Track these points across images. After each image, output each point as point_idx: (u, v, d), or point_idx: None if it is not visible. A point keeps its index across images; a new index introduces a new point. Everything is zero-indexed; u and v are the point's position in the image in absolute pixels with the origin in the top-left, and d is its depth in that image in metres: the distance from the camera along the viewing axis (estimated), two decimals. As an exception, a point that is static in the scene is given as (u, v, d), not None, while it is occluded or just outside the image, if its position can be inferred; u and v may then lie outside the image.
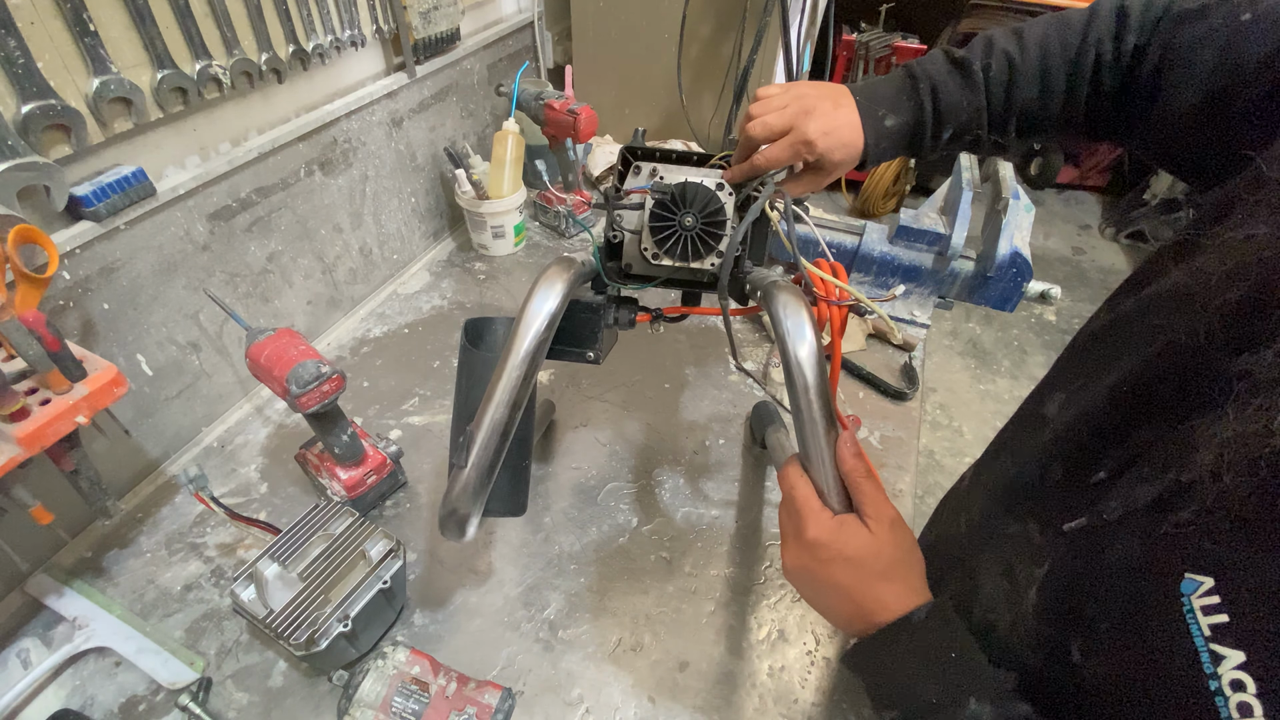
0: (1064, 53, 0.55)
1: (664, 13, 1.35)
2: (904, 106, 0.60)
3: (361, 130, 1.02)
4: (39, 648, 0.66)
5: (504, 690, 0.62)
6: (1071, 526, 0.37)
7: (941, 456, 2.19)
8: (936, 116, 0.59)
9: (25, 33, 0.59)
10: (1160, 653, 0.30)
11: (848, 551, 0.44)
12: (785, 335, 0.48)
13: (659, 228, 0.57)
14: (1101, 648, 0.34)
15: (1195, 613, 0.29)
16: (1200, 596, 0.29)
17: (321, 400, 0.69)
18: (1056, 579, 0.38)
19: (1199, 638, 0.28)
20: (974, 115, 0.59)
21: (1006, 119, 0.58)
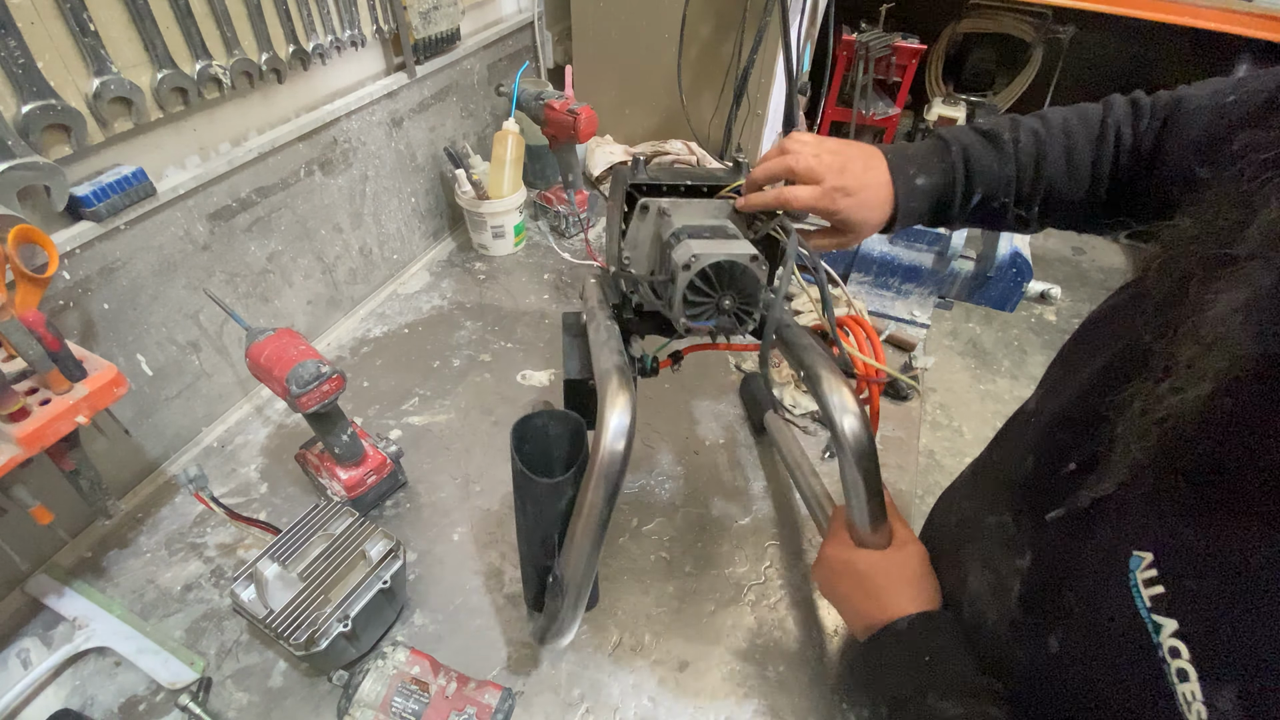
0: (1087, 134, 0.57)
1: (664, 13, 1.35)
2: (935, 167, 0.60)
3: (361, 130, 1.02)
4: (39, 648, 0.66)
5: (504, 690, 0.62)
6: (1053, 516, 0.41)
7: (941, 456, 2.19)
8: (968, 178, 0.59)
9: (25, 33, 0.59)
10: (1118, 628, 0.33)
11: (858, 567, 0.55)
12: (832, 411, 0.52)
13: (695, 303, 0.55)
14: (1076, 634, 0.37)
15: (1139, 586, 0.31)
16: (1143, 570, 0.32)
17: (321, 400, 0.69)
18: (1039, 570, 0.41)
19: (1143, 610, 0.31)
20: (1003, 183, 0.59)
21: (1034, 192, 0.58)
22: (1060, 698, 0.38)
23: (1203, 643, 0.28)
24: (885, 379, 0.57)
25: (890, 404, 1.00)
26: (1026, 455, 0.47)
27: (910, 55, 2.76)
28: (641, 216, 0.61)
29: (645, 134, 1.54)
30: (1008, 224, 0.62)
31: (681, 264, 0.53)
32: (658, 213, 0.60)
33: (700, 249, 0.54)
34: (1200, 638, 0.29)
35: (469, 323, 1.12)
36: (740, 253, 0.53)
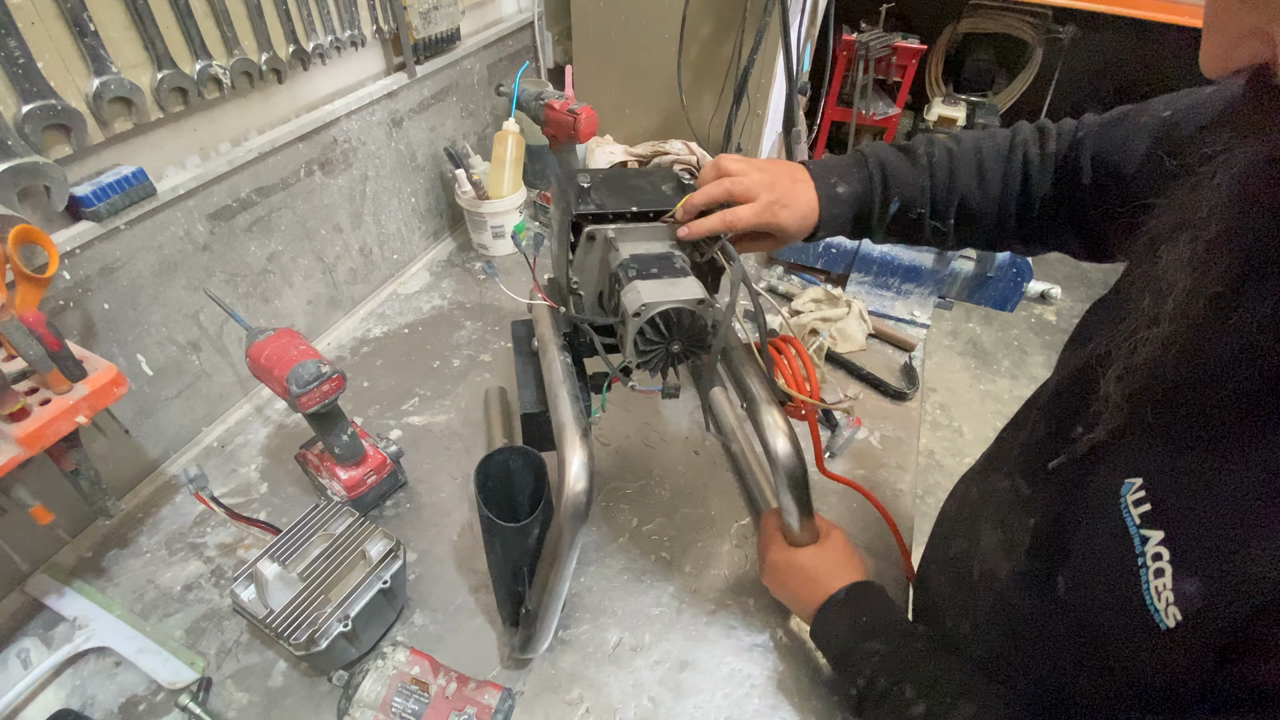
0: (996, 152, 0.63)
1: (664, 13, 1.35)
2: (853, 176, 0.65)
3: (361, 130, 1.02)
4: (39, 648, 0.66)
5: (504, 690, 0.62)
6: (1055, 464, 0.46)
7: (941, 456, 2.19)
8: (885, 187, 0.64)
9: (25, 33, 0.59)
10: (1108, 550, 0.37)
11: (802, 563, 0.64)
12: (764, 432, 0.58)
13: (646, 349, 0.56)
14: (1076, 571, 0.41)
15: (1129, 507, 0.36)
16: (1133, 493, 0.36)
17: (321, 400, 0.69)
18: (1045, 521, 0.46)
19: (1132, 526, 0.36)
20: (918, 193, 0.64)
21: (949, 203, 0.63)
22: (1061, 636, 0.43)
23: (1181, 545, 0.34)
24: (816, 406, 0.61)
25: (890, 404, 1.00)
26: (1038, 423, 0.51)
27: (910, 55, 2.76)
28: (588, 245, 0.62)
29: (645, 134, 1.54)
30: (925, 236, 0.66)
31: (631, 311, 0.54)
32: (604, 241, 0.61)
33: (649, 295, 0.54)
34: (1179, 540, 0.34)
35: (469, 323, 1.12)
36: (688, 297, 0.55)
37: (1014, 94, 3.12)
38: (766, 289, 1.20)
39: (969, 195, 0.63)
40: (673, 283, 0.56)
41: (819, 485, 0.87)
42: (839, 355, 1.06)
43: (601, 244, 0.62)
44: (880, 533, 0.82)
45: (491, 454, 0.60)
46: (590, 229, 0.61)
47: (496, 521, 0.56)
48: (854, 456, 0.92)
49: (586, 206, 0.60)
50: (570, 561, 0.56)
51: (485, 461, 0.60)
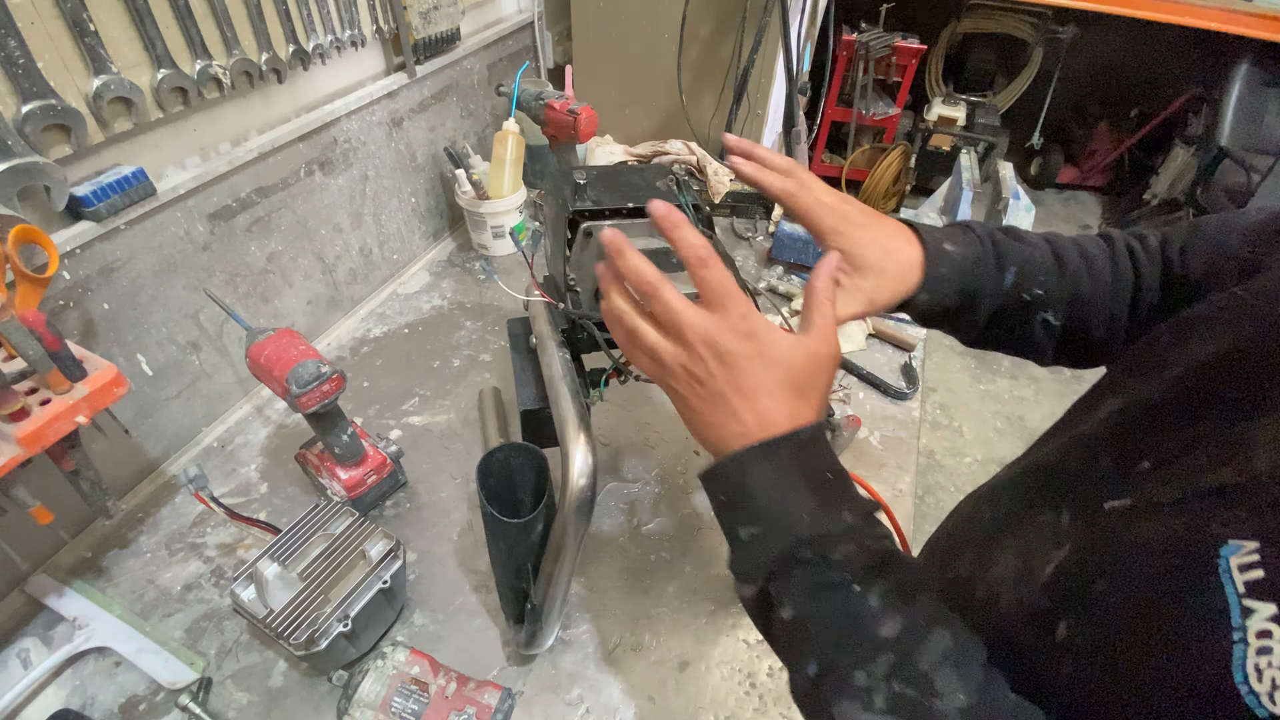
0: (1093, 241, 0.54)
1: (664, 13, 1.35)
2: (961, 239, 0.54)
3: (361, 130, 1.02)
4: (39, 648, 0.66)
5: (504, 690, 0.62)
6: (1114, 505, 0.37)
7: (941, 456, 2.19)
8: (998, 255, 0.54)
9: (25, 33, 0.59)
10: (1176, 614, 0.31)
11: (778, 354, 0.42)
12: None
13: None
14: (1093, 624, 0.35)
15: (1231, 571, 0.29)
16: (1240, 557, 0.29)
17: (321, 400, 0.69)
18: (1073, 559, 0.38)
19: (1232, 595, 0.29)
20: (1034, 268, 0.54)
21: (1061, 289, 0.53)
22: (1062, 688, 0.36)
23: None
24: None
25: (890, 404, 1.00)
26: (1096, 451, 0.42)
27: (910, 55, 2.77)
28: (584, 242, 0.61)
29: (645, 134, 1.54)
30: (1033, 333, 0.55)
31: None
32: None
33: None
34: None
35: (469, 323, 1.12)
36: (686, 293, 0.53)
37: (1014, 94, 3.12)
38: (766, 289, 1.20)
39: (1079, 283, 0.53)
40: (670, 278, 0.56)
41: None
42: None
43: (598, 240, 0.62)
44: (880, 533, 0.82)
45: (492, 451, 0.60)
46: (587, 225, 0.61)
47: (500, 518, 0.56)
48: (854, 456, 0.92)
49: (583, 203, 0.60)
50: (575, 557, 0.56)
51: (486, 459, 0.60)
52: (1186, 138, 2.89)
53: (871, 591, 0.38)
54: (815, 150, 3.11)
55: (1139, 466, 0.37)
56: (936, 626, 0.37)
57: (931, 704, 0.35)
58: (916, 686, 0.36)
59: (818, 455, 0.41)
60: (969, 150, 1.45)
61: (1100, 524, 0.38)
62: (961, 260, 0.53)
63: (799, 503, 0.39)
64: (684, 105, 1.43)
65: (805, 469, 0.40)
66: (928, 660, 0.36)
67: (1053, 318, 0.54)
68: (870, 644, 0.37)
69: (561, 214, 0.62)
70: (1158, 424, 0.38)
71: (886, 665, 0.36)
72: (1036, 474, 0.47)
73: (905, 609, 0.37)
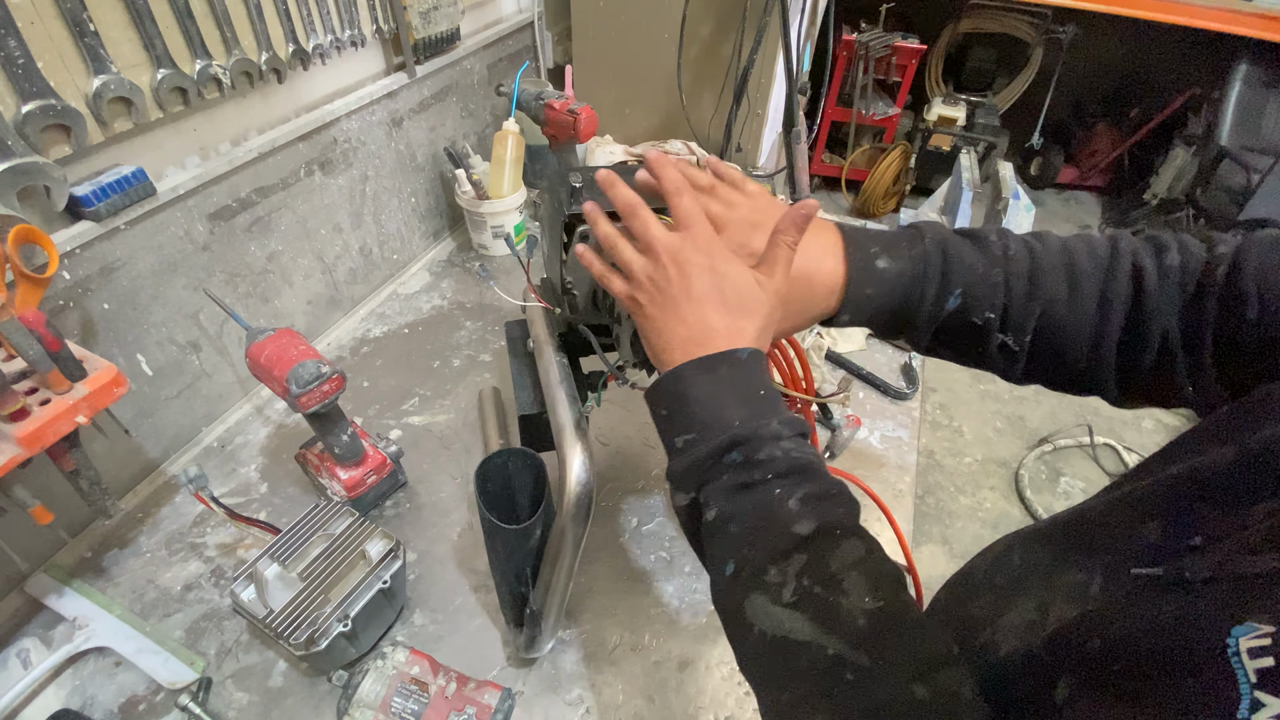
0: (1092, 255, 0.47)
1: (664, 13, 1.35)
2: (903, 253, 0.49)
3: (361, 130, 1.02)
4: (39, 648, 0.66)
5: (504, 690, 0.62)
6: (1141, 572, 0.34)
7: (941, 456, 2.18)
8: (944, 273, 0.48)
9: (25, 33, 0.59)
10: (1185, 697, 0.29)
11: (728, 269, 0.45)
12: None
13: (641, 349, 0.55)
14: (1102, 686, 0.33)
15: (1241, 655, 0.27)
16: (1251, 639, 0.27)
17: (321, 400, 0.69)
18: (1086, 619, 0.36)
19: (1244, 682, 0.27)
20: (988, 290, 0.48)
21: (1027, 315, 0.47)
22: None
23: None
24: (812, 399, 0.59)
25: (890, 404, 1.00)
26: (1148, 518, 0.38)
27: (910, 55, 2.76)
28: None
29: (645, 134, 1.54)
30: (989, 353, 0.50)
31: (625, 314, 0.54)
32: (598, 240, 0.61)
33: None
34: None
35: (469, 323, 1.12)
36: None
37: (1014, 94, 3.12)
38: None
39: (1054, 305, 0.47)
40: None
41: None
42: (839, 355, 1.06)
43: (594, 244, 0.62)
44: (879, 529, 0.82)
45: (490, 456, 0.61)
46: (584, 229, 0.61)
47: (498, 524, 0.56)
48: (854, 456, 0.92)
49: (578, 206, 0.60)
50: (573, 562, 0.56)
51: (484, 464, 0.60)
52: (1186, 138, 2.89)
53: (791, 494, 0.39)
54: (815, 150, 3.11)
55: (1190, 541, 0.34)
56: (852, 537, 0.38)
57: (837, 601, 0.36)
58: (825, 584, 0.36)
59: (752, 374, 0.43)
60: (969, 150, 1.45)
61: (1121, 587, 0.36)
62: (895, 279, 0.49)
63: (731, 411, 0.41)
64: (684, 105, 1.43)
65: (739, 384, 0.42)
66: (839, 562, 0.37)
67: (1013, 342, 0.48)
68: (785, 541, 0.38)
69: (557, 217, 0.62)
70: (1218, 496, 0.35)
71: (799, 563, 0.37)
72: (1078, 528, 0.44)
73: (823, 514, 0.39)
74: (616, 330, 0.58)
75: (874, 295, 0.49)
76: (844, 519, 0.39)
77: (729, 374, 0.43)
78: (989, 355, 0.50)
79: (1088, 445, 2.20)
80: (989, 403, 2.40)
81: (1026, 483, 2.08)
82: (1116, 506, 0.41)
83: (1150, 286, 0.45)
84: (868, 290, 0.49)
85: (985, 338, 0.49)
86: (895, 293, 0.49)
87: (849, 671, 0.34)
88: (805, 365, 0.61)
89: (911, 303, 0.49)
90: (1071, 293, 0.47)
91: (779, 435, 0.41)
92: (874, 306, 0.50)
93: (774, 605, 0.37)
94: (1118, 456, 2.18)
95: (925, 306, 0.49)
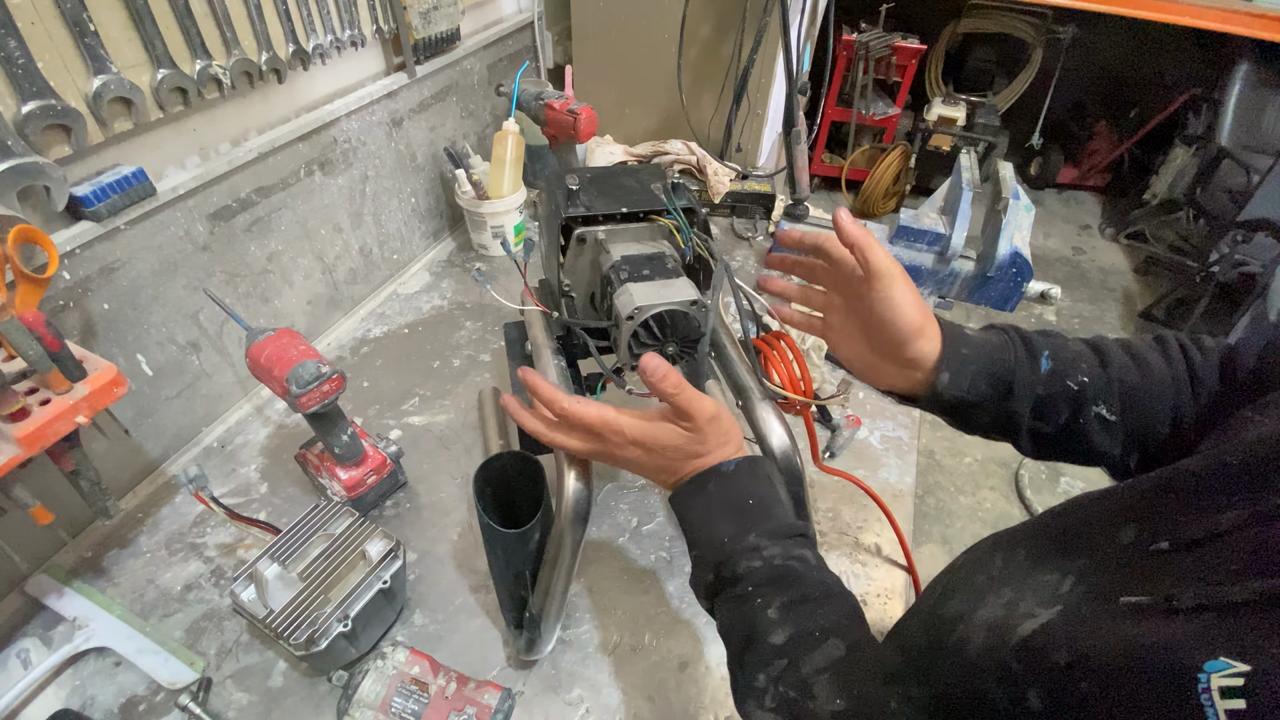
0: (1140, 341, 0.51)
1: (664, 13, 1.35)
2: (986, 330, 0.53)
3: (361, 130, 1.02)
4: (39, 648, 0.66)
5: (504, 690, 0.62)
6: (1128, 602, 0.34)
7: (941, 456, 2.18)
8: (1026, 341, 0.51)
9: (25, 33, 0.59)
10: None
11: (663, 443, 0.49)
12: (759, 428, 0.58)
13: (639, 353, 0.56)
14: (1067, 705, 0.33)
15: (1213, 693, 0.27)
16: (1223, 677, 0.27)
17: (321, 400, 0.69)
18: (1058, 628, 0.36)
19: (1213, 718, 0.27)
20: (1071, 354, 0.51)
21: (1108, 380, 0.50)
22: None
23: None
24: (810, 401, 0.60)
25: (890, 404, 0.99)
26: (1125, 522, 0.39)
27: (910, 55, 2.77)
28: (579, 248, 0.62)
29: (645, 134, 1.54)
30: (1089, 426, 0.50)
31: (625, 314, 0.54)
32: (595, 243, 0.61)
33: (642, 298, 0.54)
34: None
35: (469, 323, 1.12)
36: (681, 299, 0.55)
37: (1014, 94, 3.12)
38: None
39: (1128, 373, 0.50)
40: (665, 284, 0.56)
41: (818, 480, 0.87)
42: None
43: (592, 246, 0.62)
44: (879, 528, 0.82)
45: (489, 460, 0.61)
46: (580, 231, 0.61)
47: (497, 529, 0.56)
48: (854, 456, 0.92)
49: (576, 209, 0.60)
50: (572, 565, 0.56)
51: (483, 468, 0.60)
52: (1186, 138, 2.89)
53: (770, 603, 0.42)
54: (815, 150, 3.11)
55: (1156, 544, 0.35)
56: (832, 637, 0.41)
57: (807, 705, 0.39)
58: (798, 689, 0.40)
59: (739, 484, 0.48)
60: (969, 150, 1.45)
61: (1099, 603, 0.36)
62: (984, 343, 0.51)
63: (721, 528, 0.46)
64: (684, 105, 1.43)
65: (728, 497, 0.47)
66: (810, 666, 0.40)
67: (1107, 412, 0.50)
68: (767, 650, 0.41)
69: (554, 219, 0.62)
70: (1188, 498, 0.36)
71: (779, 668, 0.41)
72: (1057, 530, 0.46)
73: (799, 619, 0.42)
74: (614, 333, 0.58)
75: (970, 355, 0.50)
76: (823, 620, 0.42)
77: (718, 489, 0.47)
78: (1090, 433, 0.51)
79: (1088, 445, 2.20)
80: (989, 403, 2.40)
81: (1026, 483, 2.08)
82: (1095, 508, 0.42)
83: (1196, 362, 0.49)
84: (964, 350, 0.51)
85: (1083, 410, 0.50)
86: (990, 354, 0.51)
87: None
88: (804, 367, 0.61)
89: (1007, 363, 0.51)
90: (1138, 364, 0.50)
91: (757, 547, 0.44)
92: (972, 369, 0.50)
93: (760, 711, 0.41)
94: (1118, 456, 2.18)
95: (1021, 369, 0.50)
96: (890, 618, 0.74)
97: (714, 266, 0.59)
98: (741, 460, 0.49)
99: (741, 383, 0.61)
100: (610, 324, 0.59)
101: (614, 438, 0.50)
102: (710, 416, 0.49)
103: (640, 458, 0.51)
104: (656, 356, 0.48)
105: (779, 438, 0.57)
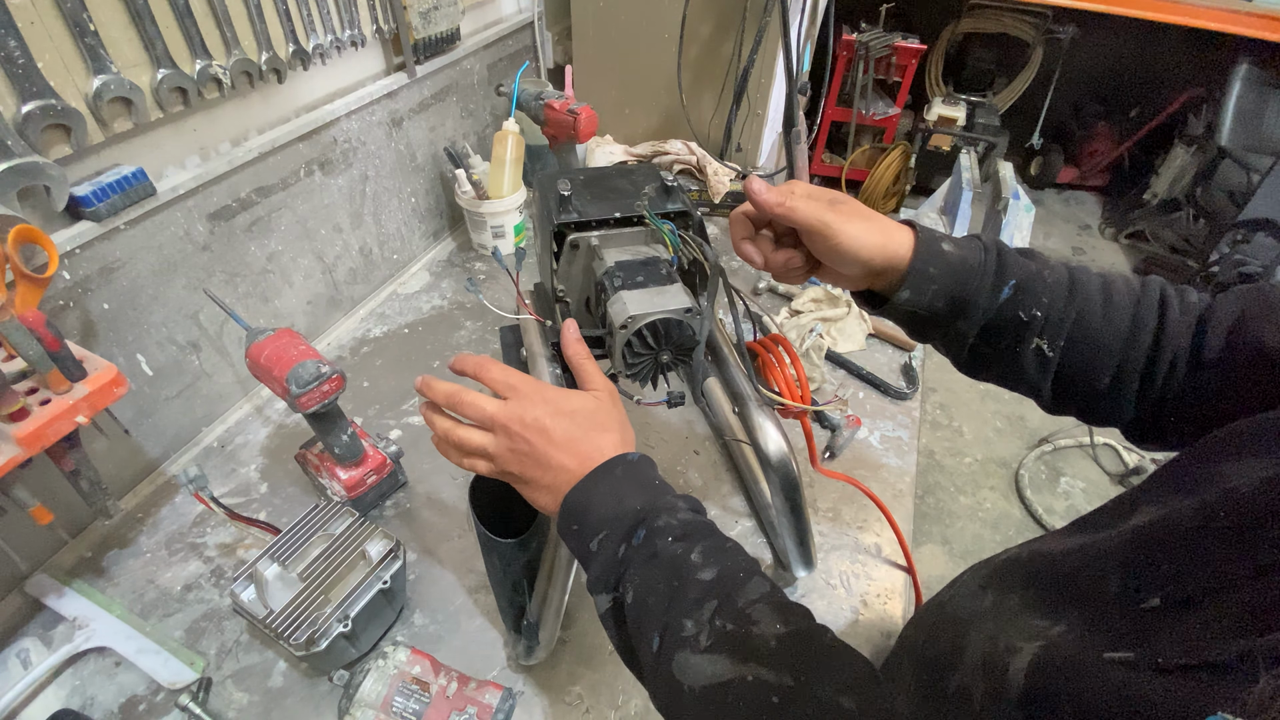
0: (1125, 281, 0.50)
1: (664, 13, 1.35)
2: (965, 244, 0.53)
3: (361, 130, 1.02)
4: (39, 648, 0.66)
5: (504, 690, 0.62)
6: (1113, 658, 0.33)
7: (941, 456, 2.19)
8: (1000, 265, 0.51)
9: (25, 33, 0.59)
10: None
11: (569, 405, 0.50)
12: (754, 433, 0.58)
13: (634, 360, 0.56)
14: None
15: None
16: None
17: (321, 400, 0.69)
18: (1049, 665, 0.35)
19: None
20: (1038, 285, 0.50)
21: (1063, 318, 0.50)
22: None
23: None
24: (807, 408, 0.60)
25: (890, 404, 1.00)
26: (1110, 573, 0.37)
27: (910, 55, 2.76)
28: (572, 254, 0.61)
29: (645, 134, 1.54)
30: (1023, 358, 0.51)
31: (619, 324, 0.54)
32: (588, 249, 0.61)
33: (636, 306, 0.54)
34: None
35: (469, 323, 1.12)
36: (675, 307, 0.54)
37: (1014, 94, 3.12)
38: (766, 289, 1.20)
39: (1088, 315, 0.49)
40: (659, 291, 0.55)
41: (819, 482, 0.87)
42: (839, 355, 1.06)
43: (585, 252, 0.61)
44: (879, 528, 0.82)
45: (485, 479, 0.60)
46: (574, 237, 0.60)
47: (494, 538, 0.56)
48: (854, 456, 0.92)
49: (568, 215, 0.60)
50: (568, 573, 0.56)
51: (478, 477, 0.59)
52: (1186, 138, 2.89)
53: (692, 549, 0.43)
54: (815, 150, 3.11)
55: (1147, 603, 0.33)
56: (755, 576, 0.43)
57: (749, 631, 0.39)
58: (736, 620, 0.39)
59: (647, 469, 0.49)
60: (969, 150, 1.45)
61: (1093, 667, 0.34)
62: (957, 263, 0.51)
63: (632, 500, 0.46)
64: (684, 105, 1.43)
65: (637, 478, 0.47)
66: (745, 598, 0.41)
67: (1048, 347, 0.50)
68: (695, 589, 0.41)
69: (546, 224, 0.61)
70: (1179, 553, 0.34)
71: (710, 609, 0.40)
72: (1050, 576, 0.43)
73: (722, 560, 0.43)
74: (609, 341, 0.58)
75: (936, 275, 0.51)
76: (744, 564, 0.43)
77: (625, 473, 0.47)
78: (1024, 362, 0.51)
79: (1088, 445, 2.20)
80: (989, 403, 2.40)
81: (1027, 483, 2.08)
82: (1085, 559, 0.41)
83: (1171, 316, 0.48)
84: (931, 269, 0.51)
85: (1024, 339, 0.50)
86: (956, 275, 0.51)
87: (774, 694, 0.36)
88: (801, 373, 0.61)
89: (969, 289, 0.51)
90: (1105, 306, 0.49)
91: (675, 506, 0.45)
92: (934, 287, 0.51)
93: (695, 655, 0.39)
94: (1117, 456, 2.18)
95: (982, 295, 0.50)
96: (890, 618, 0.74)
97: (709, 271, 0.59)
98: (642, 455, 0.50)
99: (738, 389, 0.61)
100: (605, 332, 0.59)
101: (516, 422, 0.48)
102: (612, 392, 0.53)
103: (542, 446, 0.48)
104: (573, 325, 0.53)
105: (776, 445, 0.57)
